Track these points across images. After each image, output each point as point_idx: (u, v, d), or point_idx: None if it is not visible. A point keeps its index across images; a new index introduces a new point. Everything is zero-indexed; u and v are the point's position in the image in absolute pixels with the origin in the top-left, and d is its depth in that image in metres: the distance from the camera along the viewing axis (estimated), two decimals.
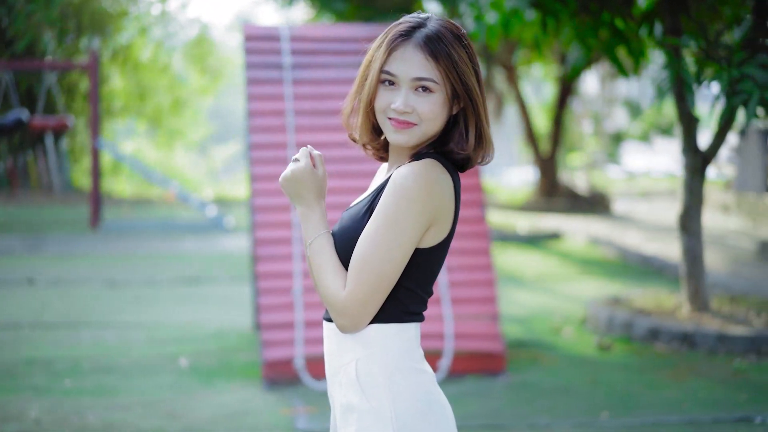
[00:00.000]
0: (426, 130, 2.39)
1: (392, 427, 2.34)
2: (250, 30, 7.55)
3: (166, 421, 5.90)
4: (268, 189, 7.08)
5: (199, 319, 8.82)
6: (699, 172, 8.16)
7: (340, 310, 2.35)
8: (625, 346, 7.79)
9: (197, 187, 23.46)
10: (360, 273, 2.32)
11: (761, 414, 5.95)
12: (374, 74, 2.40)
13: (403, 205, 2.31)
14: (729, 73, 6.52)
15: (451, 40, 2.35)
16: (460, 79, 2.35)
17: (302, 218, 2.48)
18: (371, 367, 2.39)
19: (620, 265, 12.51)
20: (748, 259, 12.44)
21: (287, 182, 2.48)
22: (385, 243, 2.31)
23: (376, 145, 2.55)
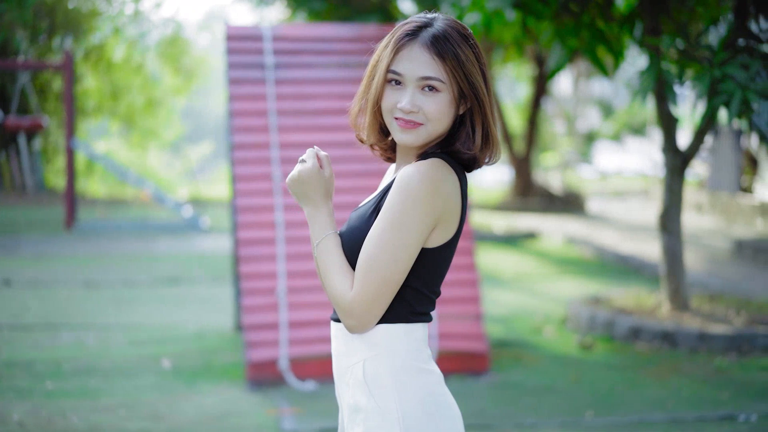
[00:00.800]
0: (432, 130, 2.38)
1: (399, 428, 2.34)
2: (232, 30, 7.52)
3: (151, 422, 5.87)
4: (251, 189, 7.06)
5: (179, 320, 8.78)
6: (679, 171, 8.21)
7: (347, 310, 2.34)
8: (606, 345, 7.82)
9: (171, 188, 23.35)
10: (367, 274, 2.31)
11: (744, 412, 5.99)
12: (381, 74, 2.39)
13: (409, 205, 2.30)
14: (711, 73, 6.56)
15: (458, 39, 2.35)
16: (467, 78, 2.35)
17: (309, 219, 2.46)
18: (378, 367, 2.38)
19: (598, 264, 12.56)
20: (724, 258, 12.52)
21: (294, 183, 2.46)
22: (390, 243, 2.30)
23: (384, 145, 2.54)
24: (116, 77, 22.60)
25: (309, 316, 6.84)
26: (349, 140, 7.30)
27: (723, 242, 13.71)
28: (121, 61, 22.64)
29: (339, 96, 7.42)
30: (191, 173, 23.40)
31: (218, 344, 7.88)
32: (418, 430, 2.34)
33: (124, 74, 22.61)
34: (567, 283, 10.87)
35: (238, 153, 7.12)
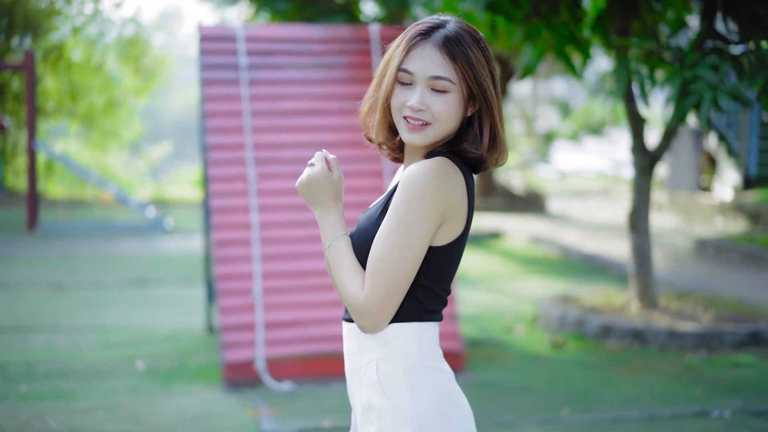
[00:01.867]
0: (440, 130, 2.41)
1: (413, 427, 2.36)
2: (205, 30, 7.50)
3: (130, 424, 5.85)
4: (226, 190, 7.06)
5: (150, 322, 8.74)
6: (647, 171, 8.31)
7: (359, 311, 2.37)
8: (577, 343, 7.91)
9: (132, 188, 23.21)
10: (376, 275, 2.34)
11: (718, 408, 6.09)
12: (392, 72, 2.42)
13: (414, 203, 2.32)
14: (682, 74, 6.65)
15: (470, 41, 2.38)
16: (477, 80, 2.38)
17: (320, 221, 2.49)
18: (391, 366, 2.41)
19: (563, 263, 12.67)
20: (687, 256, 12.68)
21: (304, 187, 2.49)
22: (398, 243, 2.33)
23: (392, 144, 2.56)
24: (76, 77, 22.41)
25: (285, 317, 6.85)
26: (323, 141, 7.32)
27: (685, 241, 13.88)
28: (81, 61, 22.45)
29: (313, 97, 7.43)
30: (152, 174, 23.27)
31: (191, 346, 7.86)
32: (432, 428, 2.37)
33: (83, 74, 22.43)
34: (534, 283, 10.95)
35: (212, 154, 7.11)
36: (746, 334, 7.66)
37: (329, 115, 7.40)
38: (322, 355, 6.82)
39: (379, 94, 2.48)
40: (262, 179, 7.10)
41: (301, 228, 7.10)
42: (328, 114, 7.40)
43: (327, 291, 6.98)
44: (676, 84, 6.63)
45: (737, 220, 14.92)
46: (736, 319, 8.03)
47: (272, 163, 7.17)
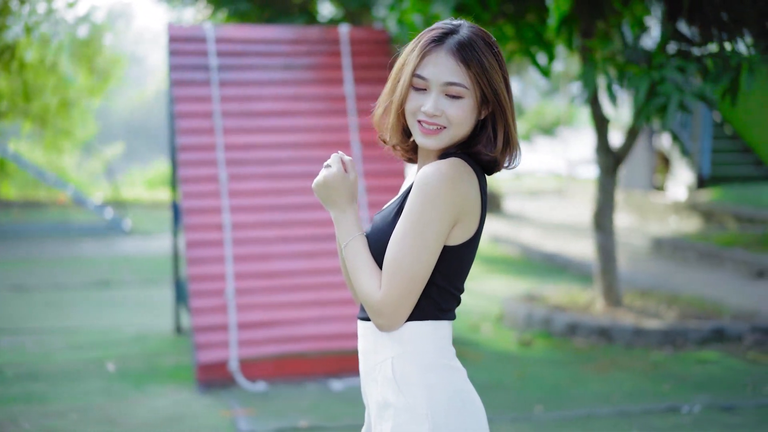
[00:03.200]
0: (454, 134, 2.45)
1: (428, 424, 2.40)
2: (174, 30, 7.49)
3: (105, 426, 5.84)
4: (198, 191, 7.05)
5: (117, 324, 8.71)
6: (611, 171, 8.43)
7: (377, 310, 2.41)
8: (545, 341, 8.00)
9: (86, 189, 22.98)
10: (393, 275, 2.38)
11: (687, 403, 6.20)
12: (407, 77, 2.45)
13: (428, 204, 2.36)
14: (649, 76, 6.76)
15: (483, 47, 2.42)
16: (490, 85, 2.42)
17: (336, 222, 2.52)
18: (407, 364, 2.44)
19: (524, 262, 12.78)
20: (644, 255, 12.85)
21: (320, 188, 2.52)
22: (413, 243, 2.37)
23: (406, 146, 2.60)
24: (29, 77, 22.11)
25: (257, 318, 6.87)
26: (294, 142, 7.35)
27: (641, 240, 14.05)
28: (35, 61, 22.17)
29: (283, 98, 7.45)
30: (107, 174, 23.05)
31: (160, 347, 7.85)
32: (446, 426, 2.41)
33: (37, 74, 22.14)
34: (497, 282, 11.05)
35: (183, 155, 7.10)
36: (710, 330, 7.80)
37: (300, 116, 7.43)
38: (295, 356, 6.85)
39: (393, 98, 2.51)
40: (233, 180, 7.10)
41: (272, 229, 7.12)
42: (299, 115, 7.43)
43: (299, 291, 7.01)
44: (644, 85, 6.73)
45: (691, 219, 15.13)
46: (700, 316, 8.17)
47: (243, 164, 7.18)
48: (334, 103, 7.49)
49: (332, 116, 7.46)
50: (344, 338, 6.91)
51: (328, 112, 7.47)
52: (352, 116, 7.41)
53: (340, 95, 7.49)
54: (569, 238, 14.58)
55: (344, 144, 7.36)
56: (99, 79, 22.74)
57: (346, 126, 7.40)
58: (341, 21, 13.05)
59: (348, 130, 7.39)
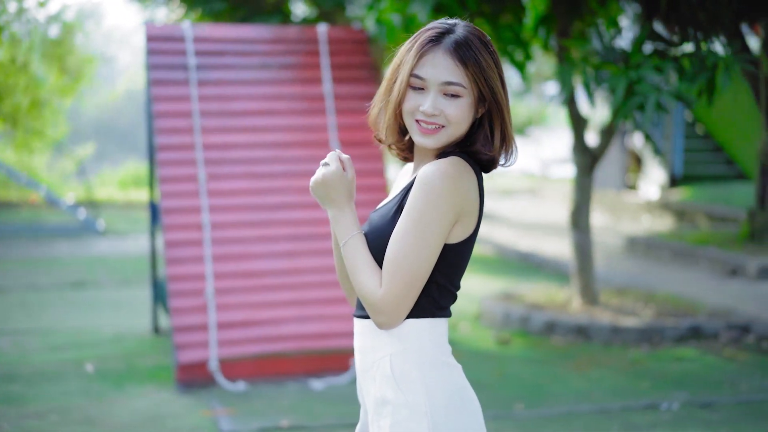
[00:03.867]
0: (453, 133, 2.46)
1: (427, 421, 2.41)
2: (152, 30, 7.47)
3: (86, 427, 5.81)
4: (177, 191, 7.03)
5: (93, 325, 8.66)
6: (588, 170, 8.48)
7: (378, 308, 2.41)
8: (523, 339, 8.03)
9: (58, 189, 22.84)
10: (394, 272, 2.39)
11: (666, 401, 6.25)
12: (404, 77, 2.46)
13: (431, 202, 2.38)
14: (627, 75, 6.80)
15: (479, 46, 2.44)
16: (487, 83, 2.44)
17: (334, 221, 2.52)
18: (406, 361, 2.45)
19: (499, 261, 12.82)
20: (618, 253, 12.93)
21: (318, 186, 2.52)
22: (415, 241, 2.38)
23: (401, 145, 2.61)
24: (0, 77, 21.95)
25: (238, 317, 6.86)
26: (273, 141, 7.34)
27: (614, 239, 14.14)
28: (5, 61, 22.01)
29: (262, 97, 7.45)
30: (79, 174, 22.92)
31: (138, 347, 7.82)
32: (445, 422, 2.42)
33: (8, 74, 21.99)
34: (473, 281, 11.07)
35: (162, 155, 7.08)
36: (686, 328, 7.87)
37: (279, 116, 7.42)
38: (275, 355, 6.84)
39: (390, 98, 2.52)
40: (212, 180, 7.09)
41: (252, 228, 7.11)
42: (278, 114, 7.42)
43: (279, 291, 7.00)
44: (622, 85, 6.77)
45: (664, 218, 15.24)
46: (676, 314, 8.24)
47: (222, 164, 7.17)
48: (313, 102, 7.49)
49: (311, 115, 7.46)
50: (324, 338, 6.92)
51: (307, 111, 7.47)
52: (331, 115, 7.41)
53: (318, 95, 7.49)
54: (543, 237, 14.65)
55: (323, 143, 7.37)
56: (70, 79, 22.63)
57: (324, 125, 7.40)
58: (315, 21, 13.04)
59: (327, 129, 7.39)
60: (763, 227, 10.97)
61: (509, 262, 12.76)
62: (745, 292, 9.52)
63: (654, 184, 17.20)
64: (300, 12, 14.20)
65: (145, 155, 35.32)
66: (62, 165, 27.61)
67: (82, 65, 22.45)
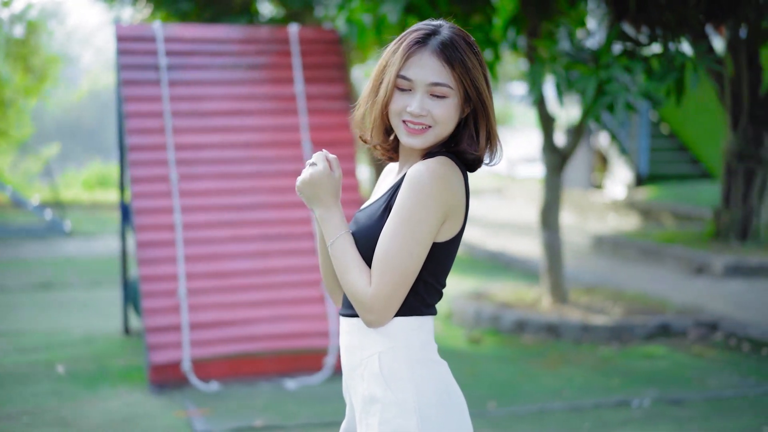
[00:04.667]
0: (439, 133, 2.50)
1: (416, 418, 2.44)
2: (123, 30, 7.44)
3: (58, 428, 5.79)
4: (149, 191, 7.01)
5: (63, 326, 8.61)
6: (558, 169, 8.54)
7: (368, 306, 2.44)
8: (494, 338, 8.08)
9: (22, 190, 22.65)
10: (384, 270, 2.41)
11: (637, 398, 6.32)
12: (391, 78, 2.48)
13: (421, 200, 2.40)
14: (597, 75, 6.86)
15: (464, 47, 2.47)
16: (473, 84, 2.47)
17: (321, 220, 2.54)
18: (394, 359, 2.48)
19: (469, 260, 12.86)
20: (585, 252, 13.02)
21: (306, 186, 2.54)
22: (405, 240, 2.40)
23: (387, 145, 2.63)
24: None
25: (210, 318, 6.85)
26: (245, 141, 7.34)
27: (581, 237, 14.24)
28: None
29: (233, 97, 7.44)
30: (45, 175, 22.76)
31: (109, 348, 7.79)
32: (433, 419, 2.45)
33: None
34: None
35: (134, 155, 7.06)
36: (655, 326, 7.95)
37: (250, 116, 7.42)
38: (248, 355, 6.84)
39: (376, 99, 2.54)
40: (184, 180, 7.08)
41: (223, 228, 7.10)
42: (249, 114, 7.42)
43: (251, 291, 7.00)
44: (592, 85, 6.83)
45: (630, 217, 15.37)
46: (645, 312, 8.32)
47: (194, 164, 7.16)
48: (285, 102, 7.50)
49: (283, 116, 7.47)
50: (297, 337, 6.93)
51: (279, 111, 7.47)
52: (303, 116, 7.42)
53: (290, 95, 7.50)
54: (512, 236, 14.72)
55: (295, 143, 7.37)
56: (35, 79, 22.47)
57: (296, 125, 7.41)
58: (282, 21, 13.04)
59: (299, 129, 7.40)
60: (728, 225, 11.10)
61: (479, 261, 12.81)
62: (712, 289, 9.63)
63: (620, 184, 17.34)
64: (267, 12, 14.19)
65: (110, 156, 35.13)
66: (27, 165, 27.40)
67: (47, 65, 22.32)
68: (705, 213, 13.27)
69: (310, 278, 7.08)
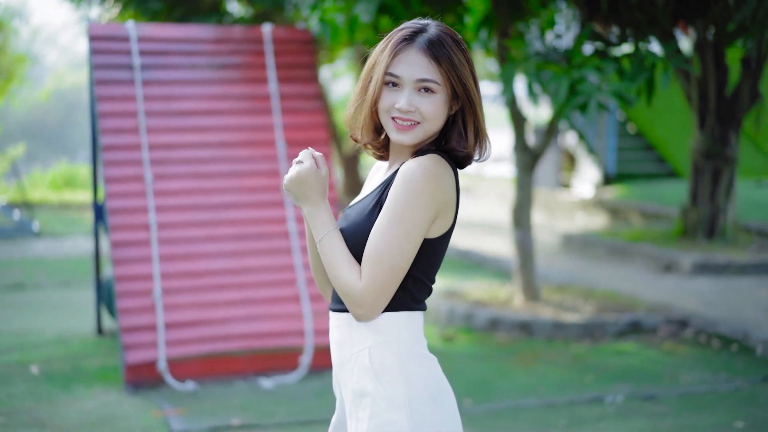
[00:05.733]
0: (428, 129, 2.54)
1: (405, 412, 2.47)
2: (96, 29, 7.42)
3: (35, 429, 5.77)
4: (123, 191, 7.00)
5: (35, 327, 8.57)
6: (529, 168, 8.61)
7: (357, 300, 2.47)
8: (467, 336, 8.14)
9: None
10: (374, 265, 2.45)
11: (610, 394, 6.39)
12: (379, 76, 2.53)
13: (413, 197, 2.44)
14: (569, 75, 6.93)
15: (451, 44, 2.52)
16: (460, 80, 2.52)
17: (309, 217, 2.57)
18: (384, 353, 2.52)
19: None
20: (555, 251, 13.11)
21: (293, 183, 2.57)
22: (396, 235, 2.44)
23: (377, 144, 2.67)
24: None
25: (185, 317, 6.86)
26: (219, 141, 7.35)
27: (550, 236, 14.33)
28: None
29: (207, 97, 7.45)
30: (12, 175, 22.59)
31: (83, 349, 7.76)
32: (423, 413, 2.49)
33: None
34: None
35: (108, 155, 7.04)
36: (627, 323, 8.03)
37: (224, 116, 7.43)
38: (223, 354, 6.85)
39: (366, 97, 2.58)
40: (158, 180, 7.08)
41: (198, 228, 7.11)
42: (223, 114, 7.43)
43: (226, 290, 7.01)
44: (564, 85, 6.90)
45: (598, 216, 15.49)
46: (616, 309, 8.41)
47: (168, 164, 7.16)
48: (259, 102, 7.51)
49: (257, 115, 7.48)
50: (273, 336, 6.94)
51: (253, 111, 7.49)
52: (277, 115, 7.44)
53: (264, 94, 7.51)
54: (483, 235, 14.79)
55: (269, 143, 7.39)
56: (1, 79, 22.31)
57: (271, 125, 7.43)
58: (251, 21, 13.03)
59: (273, 129, 7.42)
60: (696, 224, 11.22)
61: (451, 260, 12.85)
62: (681, 287, 9.74)
63: (588, 183, 17.46)
64: (236, 12, 14.16)
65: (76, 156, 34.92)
66: None
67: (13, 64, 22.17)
68: (672, 212, 13.39)
69: (285, 277, 7.10)
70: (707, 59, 10.16)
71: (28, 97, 41.16)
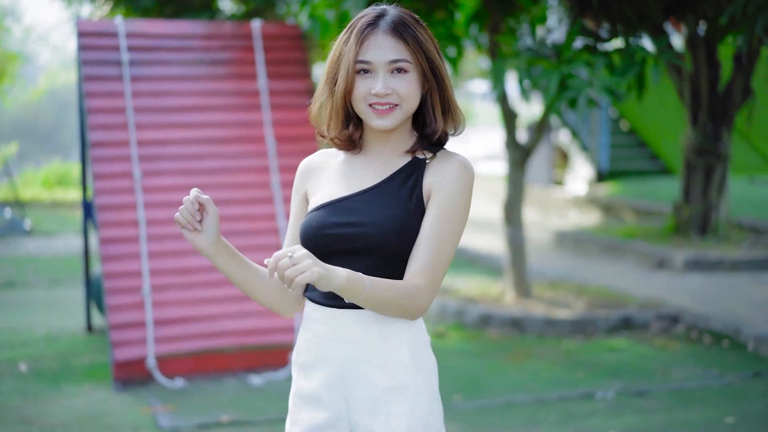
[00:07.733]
0: (407, 109, 2.53)
1: (435, 399, 2.56)
2: (84, 25, 7.39)
3: (23, 427, 5.75)
4: (112, 187, 6.97)
5: (24, 325, 8.53)
6: (520, 165, 8.59)
7: (425, 304, 2.45)
8: (459, 332, 8.12)
9: None
10: (436, 267, 2.45)
11: (601, 390, 6.37)
12: (349, 66, 2.50)
13: (467, 195, 2.51)
14: (560, 70, 6.91)
15: (413, 22, 2.52)
16: (427, 57, 2.52)
17: (340, 291, 2.33)
18: (419, 345, 2.54)
19: None
20: (548, 248, 13.09)
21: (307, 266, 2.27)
22: (456, 236, 2.49)
23: (343, 137, 2.62)
24: None
25: (175, 314, 6.83)
26: (207, 137, 7.32)
27: (543, 233, 14.32)
28: None
29: (196, 93, 7.42)
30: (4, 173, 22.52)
31: (72, 346, 7.73)
32: (438, 397, 2.60)
33: None
34: None
35: (96, 151, 7.01)
36: (618, 319, 8.02)
37: (213, 112, 7.40)
38: (213, 351, 6.83)
39: (336, 90, 2.54)
40: (147, 176, 7.04)
41: None
42: (212, 110, 7.40)
43: (216, 287, 6.98)
44: (555, 80, 6.87)
45: (591, 213, 15.48)
46: (607, 305, 8.39)
47: (157, 160, 7.13)
48: (248, 98, 7.48)
49: (246, 111, 7.45)
50: (262, 333, 6.92)
51: (242, 107, 7.46)
52: (266, 111, 7.41)
53: (253, 90, 7.49)
54: (474, 232, 14.77)
55: (258, 139, 7.36)
56: None
57: (260, 121, 7.40)
58: (243, 18, 13.00)
59: (262, 125, 7.39)
60: (688, 220, 11.21)
61: None
62: (673, 283, 9.72)
63: (581, 180, 17.45)
64: (228, 9, 14.13)
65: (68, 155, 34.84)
66: None
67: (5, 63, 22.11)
68: (665, 208, 13.38)
69: None
70: (699, 56, 10.14)
71: (20, 96, 41.11)
